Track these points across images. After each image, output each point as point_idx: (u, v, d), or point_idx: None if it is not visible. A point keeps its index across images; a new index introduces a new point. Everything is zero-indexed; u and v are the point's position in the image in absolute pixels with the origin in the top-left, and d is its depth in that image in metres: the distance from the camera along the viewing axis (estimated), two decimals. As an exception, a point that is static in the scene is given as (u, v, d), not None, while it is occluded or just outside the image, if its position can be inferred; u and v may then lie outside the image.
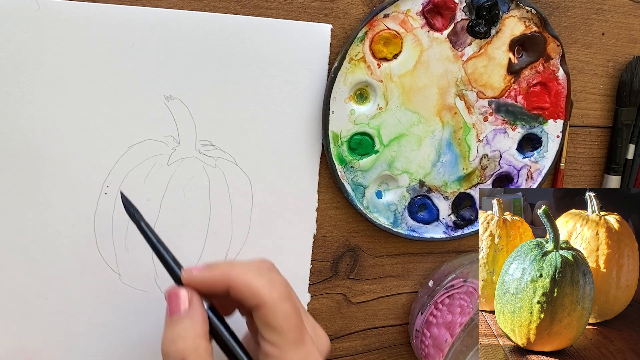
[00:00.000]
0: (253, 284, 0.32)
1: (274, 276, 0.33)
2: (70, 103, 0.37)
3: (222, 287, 0.32)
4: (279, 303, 0.32)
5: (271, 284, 0.32)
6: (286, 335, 0.32)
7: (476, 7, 0.42)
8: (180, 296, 0.32)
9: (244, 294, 0.32)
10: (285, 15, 0.40)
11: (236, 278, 0.32)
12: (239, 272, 0.32)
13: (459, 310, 0.44)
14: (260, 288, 0.32)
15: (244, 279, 0.32)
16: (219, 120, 0.40)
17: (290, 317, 0.32)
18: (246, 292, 0.32)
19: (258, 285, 0.32)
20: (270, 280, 0.33)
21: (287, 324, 0.32)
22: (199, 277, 0.33)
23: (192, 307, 0.32)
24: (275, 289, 0.32)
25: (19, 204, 0.37)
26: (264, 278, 0.32)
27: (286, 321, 0.32)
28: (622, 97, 0.50)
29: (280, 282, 0.33)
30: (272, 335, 0.32)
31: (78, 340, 0.41)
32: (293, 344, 0.32)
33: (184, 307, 0.32)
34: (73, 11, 0.35)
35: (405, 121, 0.43)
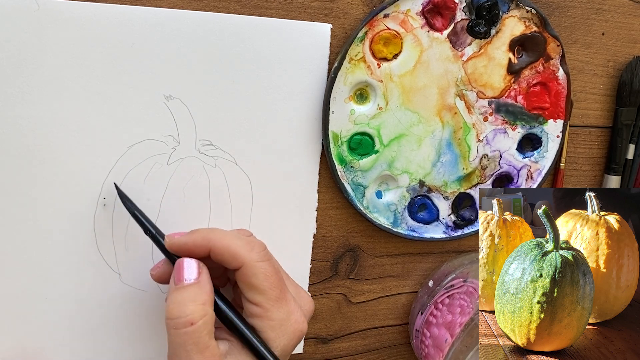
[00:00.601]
0: (232, 246, 0.33)
1: (252, 239, 0.35)
2: (70, 103, 0.37)
3: (203, 251, 0.34)
4: (258, 263, 0.33)
5: (250, 245, 0.34)
6: (268, 294, 0.33)
7: (476, 7, 0.42)
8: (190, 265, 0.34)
9: (224, 256, 0.33)
10: (285, 15, 0.40)
11: (215, 241, 0.33)
12: (219, 236, 0.34)
13: (459, 310, 0.44)
14: (239, 249, 0.33)
15: (223, 242, 0.33)
16: (219, 120, 0.40)
17: (270, 275, 0.33)
18: (226, 254, 0.33)
19: (237, 247, 0.33)
20: (249, 242, 0.34)
21: (268, 283, 0.33)
22: (181, 241, 0.34)
23: (201, 276, 0.33)
24: (254, 250, 0.33)
25: (18, 203, 0.37)
26: (242, 240, 0.34)
27: (266, 280, 0.33)
28: (622, 97, 0.50)
29: (259, 244, 0.34)
30: (254, 295, 0.33)
31: (78, 340, 0.41)
32: (275, 302, 0.33)
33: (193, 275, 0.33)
34: (73, 11, 0.35)
35: (405, 121, 0.43)
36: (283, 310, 0.34)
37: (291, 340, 0.34)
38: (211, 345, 0.31)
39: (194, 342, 0.31)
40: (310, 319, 0.46)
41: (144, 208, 0.39)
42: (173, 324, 0.31)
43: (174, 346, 0.31)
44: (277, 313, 0.33)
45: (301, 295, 0.37)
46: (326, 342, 0.48)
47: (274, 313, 0.33)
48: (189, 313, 0.31)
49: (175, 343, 0.31)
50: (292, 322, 0.34)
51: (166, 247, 0.35)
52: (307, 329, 0.35)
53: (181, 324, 0.31)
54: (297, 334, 0.34)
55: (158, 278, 0.36)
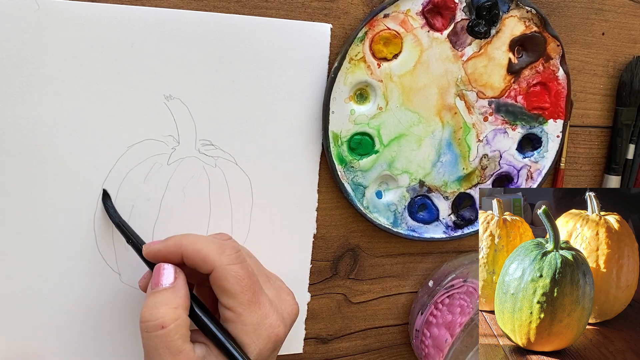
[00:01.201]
0: (203, 250, 0.33)
1: (224, 242, 0.34)
2: (70, 103, 0.37)
3: (177, 255, 0.34)
4: (228, 266, 0.33)
5: (220, 249, 0.33)
6: (239, 297, 0.33)
7: (476, 7, 0.42)
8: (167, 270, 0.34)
9: (195, 261, 0.33)
10: (285, 15, 0.40)
11: (187, 246, 0.33)
12: (191, 241, 0.34)
13: (459, 310, 0.44)
14: (210, 252, 0.33)
15: (194, 247, 0.33)
16: (219, 120, 0.40)
17: (241, 279, 0.33)
18: (197, 258, 0.33)
19: (208, 250, 0.33)
20: (220, 245, 0.34)
21: (239, 286, 0.33)
22: (155, 248, 0.35)
23: (176, 281, 0.33)
24: (224, 253, 0.33)
25: (18, 203, 0.37)
26: (213, 244, 0.34)
27: (237, 283, 0.33)
28: (622, 97, 0.50)
29: (231, 247, 0.34)
30: (227, 299, 0.33)
31: (78, 340, 0.41)
32: (247, 306, 0.33)
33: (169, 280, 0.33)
34: (73, 11, 0.35)
35: (405, 121, 0.43)
36: (256, 315, 0.33)
37: (267, 344, 0.33)
38: (185, 349, 0.31)
39: (166, 345, 0.31)
40: (311, 319, 0.46)
41: (144, 208, 0.39)
42: (145, 327, 0.31)
43: (147, 349, 0.31)
44: (250, 317, 0.33)
45: (282, 298, 0.36)
46: (326, 342, 0.48)
47: (246, 317, 0.33)
48: (160, 316, 0.31)
49: (148, 346, 0.31)
50: (267, 326, 0.33)
51: (143, 254, 0.35)
52: (284, 332, 0.34)
53: (152, 327, 0.31)
54: (273, 337, 0.34)
55: (144, 288, 0.36)
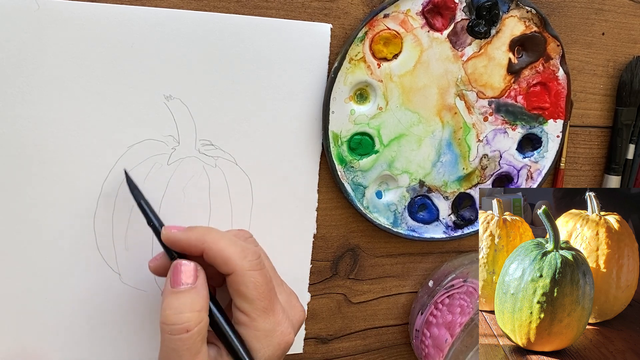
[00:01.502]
0: (225, 251, 0.33)
1: (247, 245, 0.34)
2: (70, 103, 0.37)
3: (197, 250, 0.33)
4: (249, 272, 0.33)
5: (243, 253, 0.33)
6: (256, 304, 0.33)
7: (476, 7, 0.42)
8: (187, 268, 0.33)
9: (216, 260, 0.33)
10: (285, 15, 0.40)
11: (210, 243, 0.33)
12: (214, 238, 0.33)
13: (459, 310, 0.44)
14: (232, 255, 0.33)
15: (218, 245, 0.33)
16: (219, 120, 0.40)
17: (259, 286, 0.33)
18: (218, 258, 0.33)
19: (230, 253, 0.33)
20: (243, 249, 0.33)
21: (257, 293, 0.33)
22: (177, 236, 0.34)
23: (198, 281, 0.33)
24: (246, 258, 0.33)
25: (18, 203, 0.37)
26: (236, 246, 0.33)
27: (256, 290, 0.33)
28: (622, 97, 0.50)
29: (253, 252, 0.34)
30: (243, 303, 0.33)
31: (78, 340, 0.41)
32: (262, 313, 0.33)
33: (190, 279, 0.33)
34: (73, 11, 0.35)
35: (405, 121, 0.43)
36: (270, 321, 0.33)
37: (276, 351, 0.33)
38: (203, 350, 0.31)
39: (188, 347, 0.31)
40: (311, 319, 0.47)
41: (144, 208, 0.39)
42: (169, 329, 0.31)
43: (167, 350, 0.31)
44: (264, 324, 0.33)
45: (292, 305, 0.37)
46: (326, 342, 0.48)
47: (260, 323, 0.33)
48: (185, 320, 0.31)
49: (169, 348, 0.31)
50: (279, 333, 0.33)
51: (162, 238, 0.35)
52: (293, 340, 0.35)
53: (177, 331, 0.31)
54: (283, 345, 0.34)
55: (155, 270, 0.36)
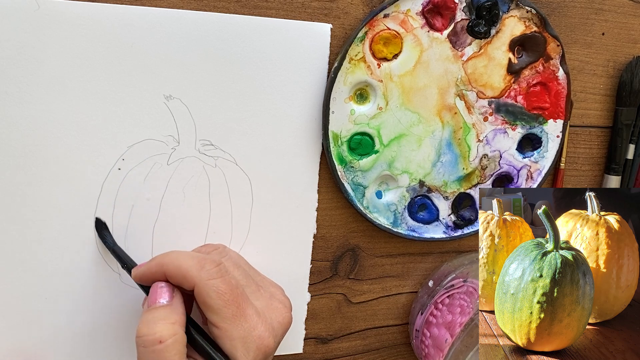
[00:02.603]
0: (182, 267, 0.33)
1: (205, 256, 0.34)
2: (70, 103, 0.37)
3: (162, 275, 0.33)
4: (209, 281, 0.32)
5: (200, 264, 0.33)
6: (223, 312, 0.32)
7: (476, 7, 0.42)
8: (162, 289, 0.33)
9: (177, 278, 0.33)
10: (285, 15, 0.40)
11: (168, 264, 0.33)
12: (171, 259, 0.33)
13: (459, 310, 0.44)
14: (189, 268, 0.33)
15: (174, 263, 0.33)
16: (218, 120, 0.40)
17: (222, 294, 0.32)
18: (178, 275, 0.33)
19: (187, 266, 0.33)
20: (199, 260, 0.33)
21: (221, 301, 0.32)
22: (140, 271, 0.34)
23: (173, 299, 0.33)
24: (204, 269, 0.33)
25: (18, 203, 0.37)
26: (193, 259, 0.33)
27: (219, 298, 0.32)
28: (622, 97, 0.50)
29: (211, 261, 0.34)
30: (211, 315, 0.33)
31: (78, 341, 0.41)
32: (231, 320, 0.32)
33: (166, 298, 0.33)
34: (73, 11, 0.35)
35: (405, 121, 0.43)
36: (242, 328, 0.33)
37: (257, 356, 0.33)
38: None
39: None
40: (311, 319, 0.46)
41: (144, 208, 0.39)
42: (142, 341, 0.31)
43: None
44: (236, 331, 0.32)
45: (272, 307, 0.36)
46: (326, 342, 0.48)
47: (232, 332, 0.32)
48: (157, 331, 0.31)
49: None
50: (255, 338, 0.33)
51: (133, 278, 0.35)
52: (274, 342, 0.34)
53: (149, 342, 0.31)
54: (262, 349, 0.33)
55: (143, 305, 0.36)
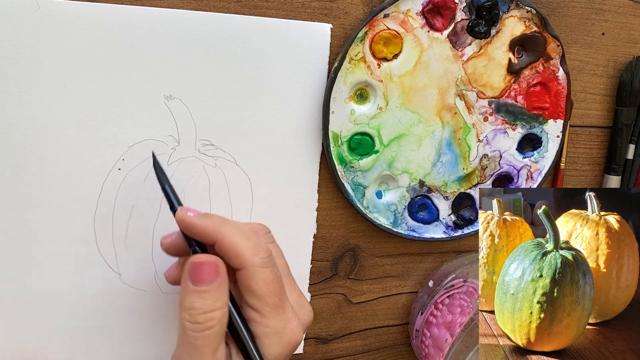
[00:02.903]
0: (238, 246, 0.32)
1: (260, 242, 0.34)
2: (70, 103, 0.37)
3: (210, 239, 0.33)
4: (259, 268, 0.32)
5: (255, 249, 0.33)
6: (266, 300, 0.33)
7: (476, 7, 0.42)
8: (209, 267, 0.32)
9: (228, 253, 0.33)
10: (285, 15, 0.40)
11: (224, 235, 0.33)
12: (228, 231, 0.33)
13: (459, 310, 0.44)
14: (244, 251, 0.32)
15: (231, 239, 0.33)
16: (219, 120, 0.40)
17: (270, 283, 0.33)
18: (231, 252, 0.32)
19: (242, 248, 0.32)
20: (255, 245, 0.33)
21: (267, 290, 0.32)
22: (191, 220, 0.33)
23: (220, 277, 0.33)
24: (258, 255, 0.33)
25: (18, 203, 0.37)
26: (249, 241, 0.33)
27: (266, 286, 0.32)
28: (622, 97, 0.50)
29: (265, 248, 0.33)
30: (253, 300, 0.33)
31: (78, 340, 0.41)
32: (273, 310, 0.33)
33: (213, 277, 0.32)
34: (73, 11, 0.35)
35: (405, 121, 0.43)
36: (280, 319, 0.33)
37: (285, 349, 0.33)
38: (221, 346, 0.32)
39: (210, 343, 0.31)
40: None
41: (144, 208, 0.39)
42: (192, 327, 0.31)
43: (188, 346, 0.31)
44: (274, 321, 0.33)
45: (302, 305, 0.36)
46: (326, 342, 0.48)
47: (270, 320, 0.33)
48: (210, 319, 0.31)
49: (191, 344, 0.31)
50: (288, 331, 0.33)
51: (176, 218, 0.34)
52: (302, 339, 0.35)
53: (200, 329, 0.31)
54: (293, 343, 0.34)
55: (167, 248, 0.36)
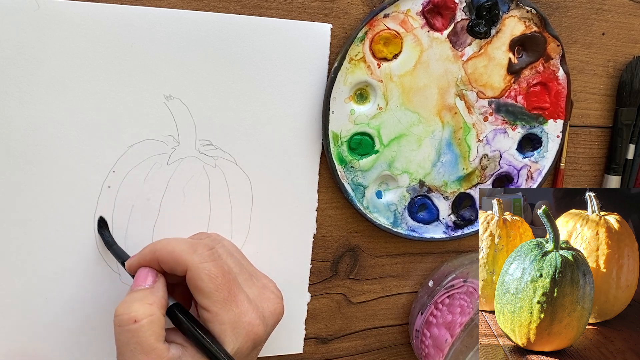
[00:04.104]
0: (175, 251, 0.33)
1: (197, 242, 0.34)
2: (70, 103, 0.37)
3: (154, 263, 0.34)
4: (201, 264, 0.32)
5: (192, 248, 0.33)
6: (214, 296, 0.32)
7: (476, 7, 0.42)
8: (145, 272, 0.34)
9: (169, 263, 0.33)
10: (285, 15, 0.40)
11: (160, 250, 0.33)
12: (163, 244, 0.34)
13: (459, 310, 0.44)
14: (182, 253, 0.33)
15: (167, 249, 0.33)
16: (218, 120, 0.40)
17: (214, 277, 0.32)
18: (170, 260, 0.33)
19: (179, 251, 0.33)
20: (192, 244, 0.33)
21: (213, 285, 0.32)
22: (133, 261, 0.35)
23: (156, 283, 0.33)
24: (196, 252, 0.33)
25: (18, 203, 0.37)
26: (186, 244, 0.33)
27: (211, 281, 0.32)
28: (622, 97, 0.50)
29: (204, 245, 0.34)
30: (202, 299, 0.33)
31: (78, 341, 0.41)
32: (223, 304, 0.32)
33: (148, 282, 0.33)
34: (73, 11, 0.35)
35: (405, 121, 0.43)
36: (233, 312, 0.33)
37: (245, 342, 0.33)
38: (158, 347, 0.31)
39: (138, 341, 0.30)
40: (311, 319, 0.46)
41: (144, 208, 0.39)
42: (117, 320, 0.31)
43: (119, 345, 0.31)
44: (227, 315, 0.32)
45: (264, 297, 0.36)
46: (326, 342, 0.48)
47: (223, 316, 0.32)
48: (133, 310, 0.31)
49: (120, 342, 0.31)
50: (245, 324, 0.33)
51: (126, 268, 0.35)
52: (264, 331, 0.34)
53: (124, 321, 0.31)
54: (252, 336, 0.33)
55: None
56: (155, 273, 0.34)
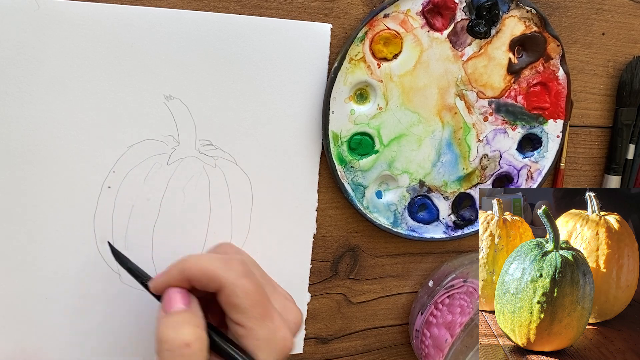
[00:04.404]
0: (208, 269, 0.32)
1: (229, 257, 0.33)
2: (70, 103, 0.37)
3: (184, 282, 0.33)
4: (237, 281, 0.32)
5: (226, 265, 0.32)
6: (250, 312, 0.32)
7: (476, 7, 0.42)
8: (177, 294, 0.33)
9: (202, 281, 0.32)
10: (285, 15, 0.40)
11: (191, 268, 0.32)
12: (193, 262, 0.33)
13: (459, 310, 0.44)
14: (216, 270, 0.32)
15: (198, 267, 0.32)
16: (218, 120, 0.40)
17: (250, 293, 0.32)
18: (203, 278, 0.32)
19: (213, 268, 0.32)
20: (225, 261, 0.33)
21: (249, 301, 0.32)
22: (160, 281, 0.33)
23: (191, 304, 0.33)
24: (231, 269, 0.32)
25: (18, 203, 0.37)
26: (218, 260, 0.33)
27: (247, 298, 0.32)
28: (622, 97, 0.50)
29: (237, 260, 0.33)
30: (237, 315, 0.32)
31: (78, 340, 0.41)
32: (259, 320, 0.32)
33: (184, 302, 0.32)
34: (73, 11, 0.35)
35: (405, 121, 0.43)
36: (268, 328, 0.32)
37: (279, 357, 0.32)
38: None
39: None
40: (311, 319, 0.46)
41: (144, 208, 0.39)
42: (168, 346, 0.30)
43: None
44: (262, 331, 0.32)
45: (288, 308, 0.36)
46: (326, 342, 0.48)
47: (258, 332, 0.32)
48: (185, 334, 0.30)
49: None
50: (279, 339, 0.32)
51: (151, 292, 0.34)
52: (293, 345, 0.34)
53: (177, 346, 0.30)
54: (285, 351, 0.33)
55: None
56: (188, 293, 0.33)
